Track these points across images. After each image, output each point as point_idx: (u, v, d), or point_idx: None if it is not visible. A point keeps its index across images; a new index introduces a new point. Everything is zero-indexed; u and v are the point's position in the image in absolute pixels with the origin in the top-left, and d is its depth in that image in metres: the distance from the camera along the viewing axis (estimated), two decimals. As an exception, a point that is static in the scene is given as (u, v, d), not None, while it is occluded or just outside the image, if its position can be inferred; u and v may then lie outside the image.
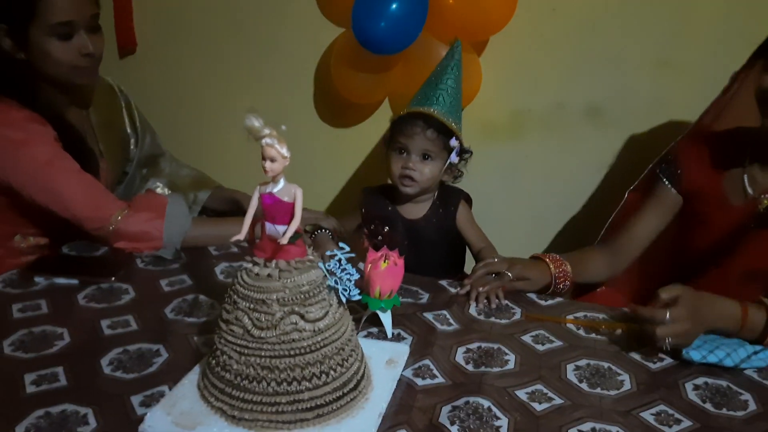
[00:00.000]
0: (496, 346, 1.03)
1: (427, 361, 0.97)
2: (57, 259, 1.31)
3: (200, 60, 2.11)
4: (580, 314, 1.14)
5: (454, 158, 1.40)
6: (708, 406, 0.89)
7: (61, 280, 1.21)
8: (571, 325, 1.10)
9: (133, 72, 1.75)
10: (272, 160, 0.78)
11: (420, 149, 1.38)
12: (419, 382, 0.92)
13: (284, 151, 0.78)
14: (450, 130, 1.37)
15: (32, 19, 1.25)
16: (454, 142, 1.38)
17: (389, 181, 1.50)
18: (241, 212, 1.40)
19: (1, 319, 1.07)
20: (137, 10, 2.04)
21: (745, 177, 1.26)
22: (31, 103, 1.32)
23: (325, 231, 1.41)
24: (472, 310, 1.15)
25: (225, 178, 1.72)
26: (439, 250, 1.45)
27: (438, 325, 1.08)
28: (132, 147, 1.66)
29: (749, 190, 1.25)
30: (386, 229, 1.39)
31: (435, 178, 1.42)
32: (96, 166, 1.44)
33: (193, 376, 0.88)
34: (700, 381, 0.94)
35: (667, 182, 1.35)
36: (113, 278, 1.21)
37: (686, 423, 0.84)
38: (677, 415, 0.86)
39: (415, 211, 1.46)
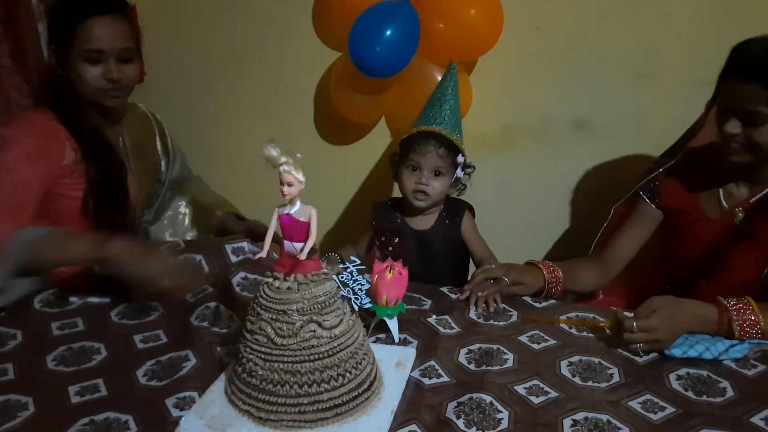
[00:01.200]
0: (495, 346, 1.11)
1: (432, 362, 1.05)
2: (89, 279, 1.40)
3: (206, 89, 2.20)
4: (572, 314, 1.23)
5: (459, 173, 1.51)
6: (690, 393, 0.97)
7: (94, 299, 1.29)
8: (564, 325, 1.19)
9: (142, 102, 1.84)
10: (289, 185, 0.88)
11: (432, 166, 1.47)
12: (426, 381, 1.00)
13: (300, 176, 0.87)
14: (456, 147, 1.48)
15: (71, 42, 1.42)
16: (460, 158, 1.49)
17: (394, 195, 1.59)
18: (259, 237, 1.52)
19: (43, 336, 1.15)
20: (145, 42, 2.14)
21: (720, 191, 1.35)
22: (66, 114, 1.47)
23: (335, 255, 1.50)
24: (472, 314, 1.24)
25: (234, 203, 1.81)
26: (446, 259, 1.53)
27: (441, 329, 1.17)
28: (163, 169, 1.77)
29: (725, 204, 1.34)
30: (396, 240, 1.47)
31: (445, 192, 1.52)
32: (123, 176, 1.56)
33: (219, 384, 0.97)
34: (682, 372, 1.03)
35: (647, 199, 1.45)
36: None
37: (670, 410, 0.93)
38: (662, 403, 0.95)
39: (424, 222, 1.55)
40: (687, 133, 1.46)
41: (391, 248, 1.49)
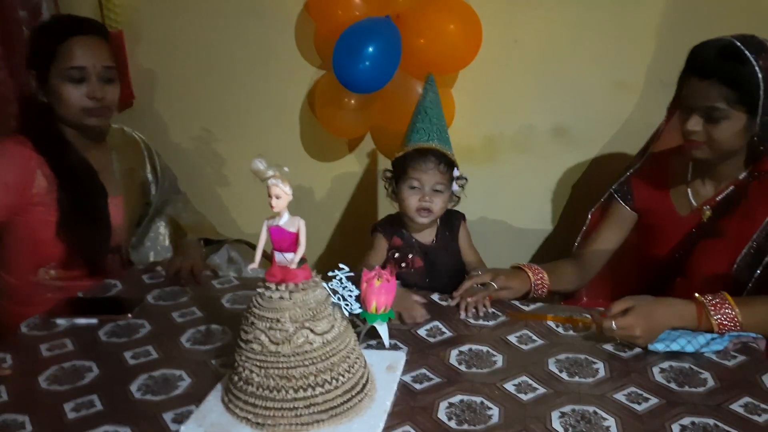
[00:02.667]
0: (485, 348, 1.14)
1: (423, 370, 1.08)
2: (74, 301, 1.41)
3: (190, 107, 2.23)
4: (559, 314, 1.26)
5: (455, 187, 1.51)
6: (672, 385, 1.01)
7: (80, 321, 1.30)
8: (551, 324, 1.22)
9: (131, 124, 1.87)
10: (277, 197, 0.91)
11: (433, 183, 1.45)
12: (417, 386, 1.03)
13: (287, 189, 0.90)
14: (452, 162, 1.47)
15: (52, 62, 1.45)
16: (456, 172, 1.50)
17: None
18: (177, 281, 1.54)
19: (33, 358, 1.16)
20: (132, 64, 2.18)
21: (689, 190, 1.41)
22: (43, 141, 1.50)
23: None
24: (462, 316, 1.27)
25: (222, 224, 1.84)
26: (449, 270, 1.53)
27: (431, 340, 1.19)
28: (153, 192, 1.82)
29: (693, 202, 1.40)
30: (410, 256, 1.47)
31: (446, 207, 1.51)
32: (102, 201, 1.58)
33: (216, 393, 0.99)
34: (665, 365, 1.07)
35: (621, 201, 1.51)
36: (129, 315, 1.32)
37: (654, 400, 0.96)
38: (646, 394, 0.98)
39: (427, 237, 1.54)
40: (652, 136, 1.52)
41: (404, 264, 1.48)
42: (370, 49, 1.69)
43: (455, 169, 1.49)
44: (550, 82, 1.92)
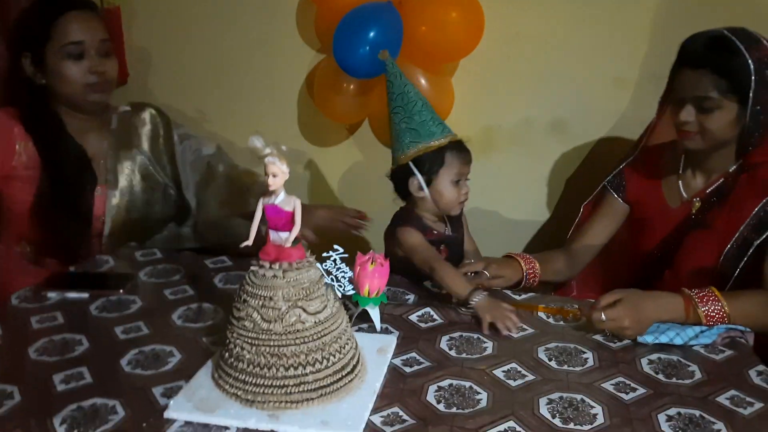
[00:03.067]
0: (475, 335, 1.15)
1: (414, 354, 1.08)
2: (66, 275, 1.41)
3: (189, 92, 2.22)
4: (550, 304, 1.27)
5: None
6: (660, 376, 1.02)
7: (72, 295, 1.30)
8: (542, 315, 1.23)
9: (124, 102, 1.86)
10: (274, 176, 0.90)
11: (467, 173, 1.45)
12: (407, 369, 1.03)
13: (284, 167, 0.90)
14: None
15: (48, 41, 1.42)
16: None
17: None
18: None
19: (23, 330, 1.16)
20: (127, 42, 2.16)
21: (680, 183, 1.43)
22: (34, 122, 1.47)
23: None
24: (454, 304, 1.28)
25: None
26: (458, 259, 1.50)
27: (422, 325, 1.20)
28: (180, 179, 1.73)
29: (684, 194, 1.42)
30: (442, 247, 1.45)
31: None
32: (88, 188, 1.56)
33: (206, 370, 0.99)
34: (654, 356, 1.08)
35: (614, 193, 1.53)
36: (121, 291, 1.31)
37: (641, 390, 0.97)
38: (633, 385, 0.99)
39: (441, 228, 1.50)
40: (646, 129, 1.53)
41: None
42: (371, 35, 1.68)
43: None
44: (549, 75, 1.92)
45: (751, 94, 1.22)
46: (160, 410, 0.90)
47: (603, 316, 1.11)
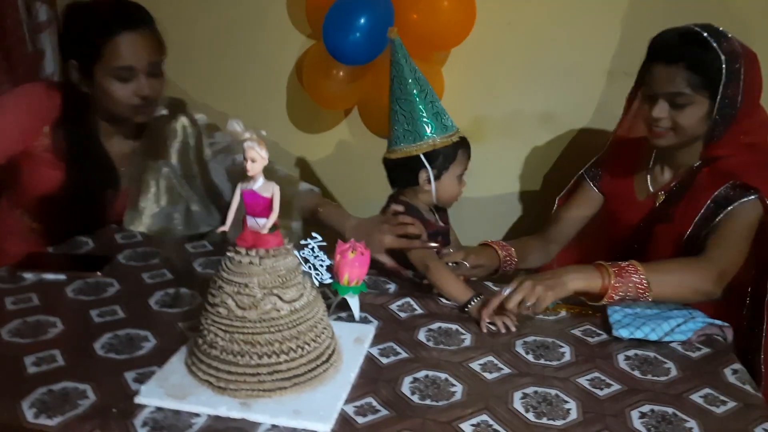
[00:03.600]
0: (454, 326, 1.15)
1: (391, 344, 1.08)
2: (43, 256, 1.39)
3: (179, 74, 2.18)
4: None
5: None
6: (636, 372, 1.02)
7: (49, 276, 1.28)
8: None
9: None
10: (252, 161, 0.89)
11: (463, 173, 1.43)
12: (384, 360, 1.02)
13: (263, 152, 0.89)
14: None
15: (98, 60, 1.38)
16: None
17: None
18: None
19: (-4, 310, 1.14)
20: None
21: (648, 176, 1.45)
22: (70, 112, 1.47)
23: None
24: (435, 295, 1.27)
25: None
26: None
27: (402, 315, 1.19)
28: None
29: (650, 188, 1.44)
30: (440, 237, 1.43)
31: None
32: (109, 187, 1.56)
33: (180, 355, 0.98)
34: (630, 353, 1.08)
35: (590, 182, 1.56)
36: (99, 273, 1.30)
37: (616, 386, 0.97)
38: (608, 380, 0.99)
39: (432, 217, 1.47)
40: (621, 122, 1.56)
41: (435, 245, 1.40)
42: (362, 21, 1.67)
43: None
44: (540, 66, 1.91)
45: (721, 88, 1.24)
46: (132, 395, 0.89)
47: (506, 291, 1.12)
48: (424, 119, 1.35)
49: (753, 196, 1.25)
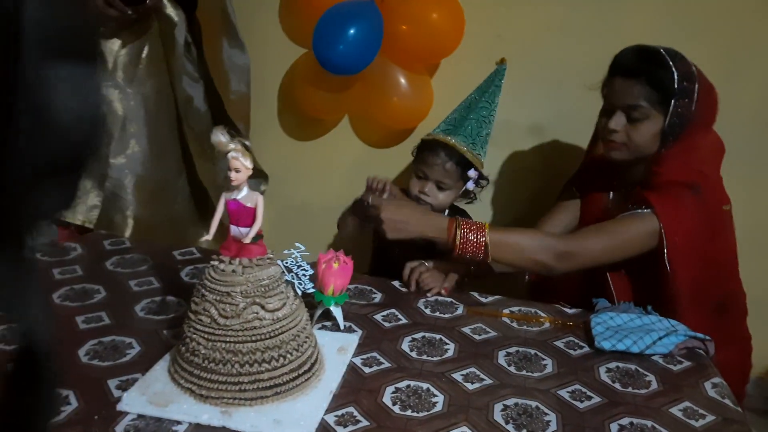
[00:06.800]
0: (438, 336, 1.15)
1: (375, 354, 1.08)
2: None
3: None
4: (515, 309, 1.28)
5: (470, 185, 1.50)
6: (617, 385, 1.03)
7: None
8: (506, 319, 1.24)
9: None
10: (237, 171, 0.90)
11: (436, 179, 1.47)
12: (366, 370, 1.03)
13: (247, 163, 0.90)
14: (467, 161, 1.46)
15: None
16: (471, 173, 1.48)
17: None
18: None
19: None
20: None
21: (611, 193, 1.49)
22: None
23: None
24: (420, 304, 1.28)
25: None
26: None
27: (386, 325, 1.20)
28: None
29: (610, 200, 1.49)
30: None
31: (448, 204, 1.52)
32: None
33: (163, 363, 0.98)
34: (612, 365, 1.09)
35: (574, 189, 1.60)
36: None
37: (596, 399, 0.98)
38: (589, 393, 0.99)
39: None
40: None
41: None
42: (351, 31, 1.67)
43: (471, 169, 1.47)
44: (529, 79, 1.92)
45: (672, 102, 1.27)
46: (114, 403, 0.89)
47: (371, 199, 1.27)
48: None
49: (647, 210, 1.29)
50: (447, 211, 1.57)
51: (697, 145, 1.33)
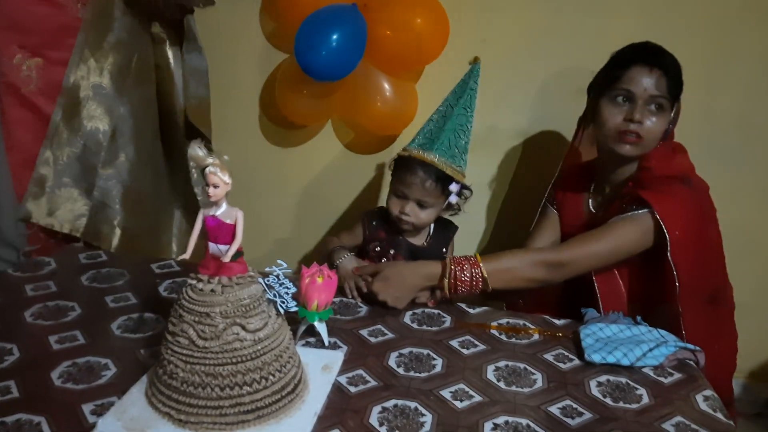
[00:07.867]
0: (425, 351, 1.12)
1: (360, 371, 1.05)
2: None
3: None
4: (503, 321, 1.26)
5: (453, 198, 1.43)
6: (608, 400, 1.01)
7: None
8: (494, 331, 1.21)
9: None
10: (215, 186, 0.86)
11: (416, 198, 1.40)
12: (352, 389, 1.00)
13: (226, 177, 0.86)
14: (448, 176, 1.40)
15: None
16: (453, 187, 1.41)
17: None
18: None
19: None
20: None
21: (591, 198, 1.50)
22: None
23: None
24: (407, 319, 1.25)
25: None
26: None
27: (372, 340, 1.17)
28: None
29: (591, 207, 1.49)
30: (392, 252, 1.44)
31: (431, 221, 1.47)
32: None
33: (140, 386, 0.94)
34: (603, 378, 1.07)
35: (550, 205, 1.61)
36: None
37: (587, 415, 0.96)
38: (580, 408, 0.97)
39: (419, 238, 1.50)
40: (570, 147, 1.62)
41: (385, 259, 1.44)
42: (334, 37, 1.64)
43: (453, 183, 1.41)
44: (514, 84, 1.91)
45: (680, 98, 1.30)
46: (88, 429, 0.86)
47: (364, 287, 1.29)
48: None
49: (641, 210, 1.28)
50: (432, 225, 1.52)
51: (673, 140, 1.37)
